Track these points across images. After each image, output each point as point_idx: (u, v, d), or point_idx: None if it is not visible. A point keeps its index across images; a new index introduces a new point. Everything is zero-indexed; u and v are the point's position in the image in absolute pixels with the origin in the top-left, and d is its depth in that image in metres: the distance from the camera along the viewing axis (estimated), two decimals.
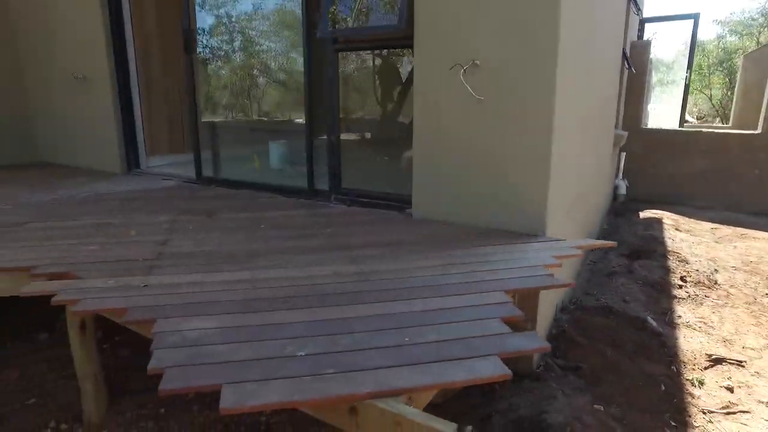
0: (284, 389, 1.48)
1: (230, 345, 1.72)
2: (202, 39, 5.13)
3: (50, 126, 5.71)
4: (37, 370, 3.24)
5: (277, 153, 5.02)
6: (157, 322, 1.88)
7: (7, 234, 3.05)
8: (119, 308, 2.02)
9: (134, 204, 3.81)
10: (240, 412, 1.43)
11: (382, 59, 5.06)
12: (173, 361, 1.63)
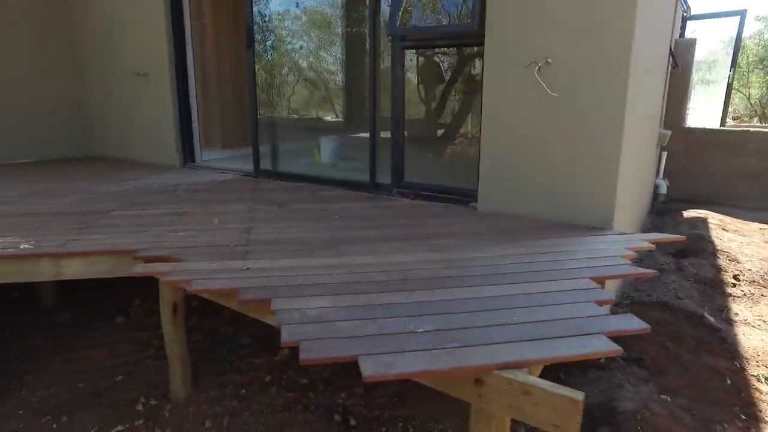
0: (417, 360, 1.59)
1: (352, 322, 1.83)
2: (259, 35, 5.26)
3: (107, 121, 5.91)
4: (120, 350, 3.40)
5: (329, 148, 5.14)
6: (272, 301, 2.00)
7: (100, 220, 3.21)
8: (231, 288, 2.14)
9: (203, 195, 3.96)
10: (382, 380, 1.54)
11: (425, 57, 5.16)
12: (303, 335, 1.74)
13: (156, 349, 3.40)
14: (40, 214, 3.40)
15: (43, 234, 2.91)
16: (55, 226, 3.09)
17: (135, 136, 5.61)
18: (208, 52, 5.38)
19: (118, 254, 2.64)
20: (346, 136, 5.23)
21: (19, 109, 5.55)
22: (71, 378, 3.14)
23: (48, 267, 2.64)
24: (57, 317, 3.82)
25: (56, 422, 2.79)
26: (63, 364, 3.28)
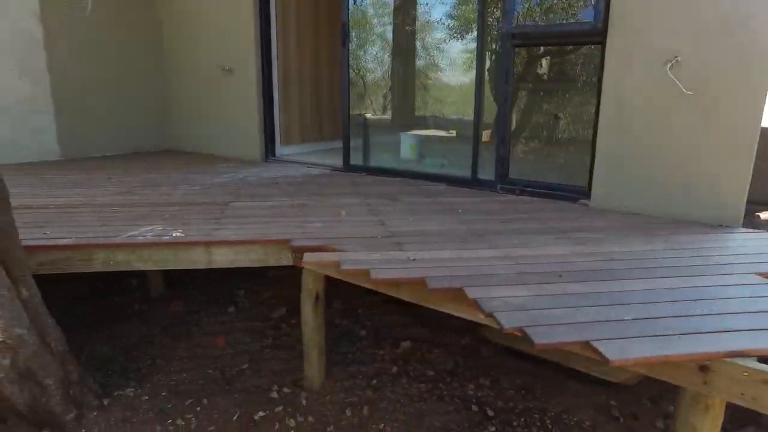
0: (646, 346, 1.63)
1: (561, 310, 1.87)
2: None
3: (185, 115, 6.01)
4: (238, 339, 3.47)
5: (408, 144, 5.19)
6: (466, 290, 2.04)
7: (226, 211, 3.28)
8: (415, 278, 2.19)
9: (308, 188, 4.03)
10: (626, 365, 1.59)
11: (529, 56, 5.16)
12: (521, 322, 1.78)
13: (272, 339, 3.47)
14: (167, 204, 3.48)
15: (184, 223, 2.99)
16: (189, 215, 3.16)
17: (216, 130, 5.69)
18: (289, 48, 5.45)
19: (268, 243, 2.70)
20: (424, 133, 5.27)
21: (108, 106, 5.71)
22: (199, 364, 3.21)
23: (201, 255, 2.71)
24: (169, 306, 3.90)
25: (199, 405, 2.86)
26: (187, 350, 3.36)
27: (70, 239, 2.69)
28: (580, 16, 3.35)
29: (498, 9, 3.80)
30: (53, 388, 2.51)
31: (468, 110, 5.20)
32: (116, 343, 3.44)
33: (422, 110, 5.48)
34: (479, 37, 3.89)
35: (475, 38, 3.96)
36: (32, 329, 2.44)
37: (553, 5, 3.48)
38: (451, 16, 5.26)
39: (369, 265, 2.29)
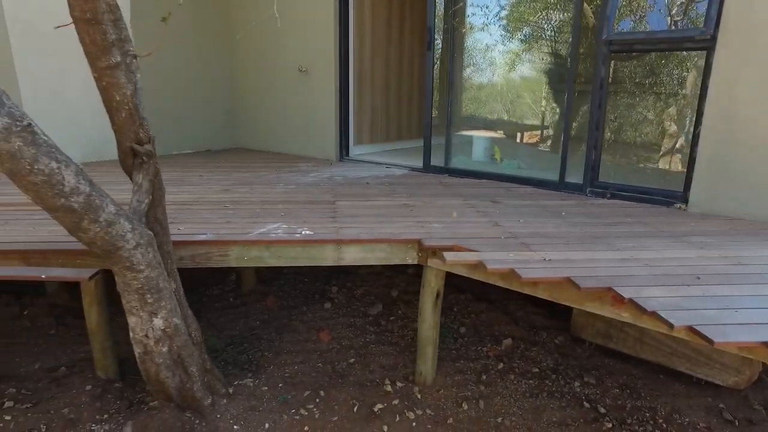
0: None
1: (718, 311, 1.95)
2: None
3: (257, 114, 6.17)
4: (341, 333, 3.58)
5: (482, 147, 5.26)
6: (617, 289, 2.12)
7: (337, 210, 3.40)
8: (561, 278, 2.27)
9: (401, 188, 4.13)
10: None
11: (623, 63, 5.18)
12: (689, 321, 1.86)
13: (374, 335, 3.58)
14: (275, 202, 3.61)
15: (305, 221, 3.11)
16: (304, 214, 3.29)
17: (291, 130, 5.84)
18: (365, 49, 5.56)
19: (396, 242, 2.81)
20: (500, 135, 5.33)
21: (184, 106, 5.89)
22: (308, 358, 3.33)
23: (331, 253, 2.83)
24: (264, 301, 4.04)
25: (317, 396, 2.99)
26: (293, 344, 3.48)
27: (207, 235, 2.82)
28: (687, 22, 3.39)
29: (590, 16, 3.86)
30: (196, 375, 2.65)
31: (519, 112, 5.27)
32: (221, 335, 3.58)
33: (474, 111, 5.52)
34: (573, 44, 3.95)
35: (548, 41, 4.01)
36: (182, 320, 2.58)
37: (658, 10, 3.52)
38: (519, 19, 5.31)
39: (512, 264, 2.38)
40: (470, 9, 5.33)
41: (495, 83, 5.06)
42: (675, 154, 3.92)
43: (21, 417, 2.73)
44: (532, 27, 4.93)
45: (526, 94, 5.17)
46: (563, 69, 4.53)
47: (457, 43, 4.78)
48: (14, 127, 1.61)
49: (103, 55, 1.94)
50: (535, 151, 5.15)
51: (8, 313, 3.93)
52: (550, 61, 4.71)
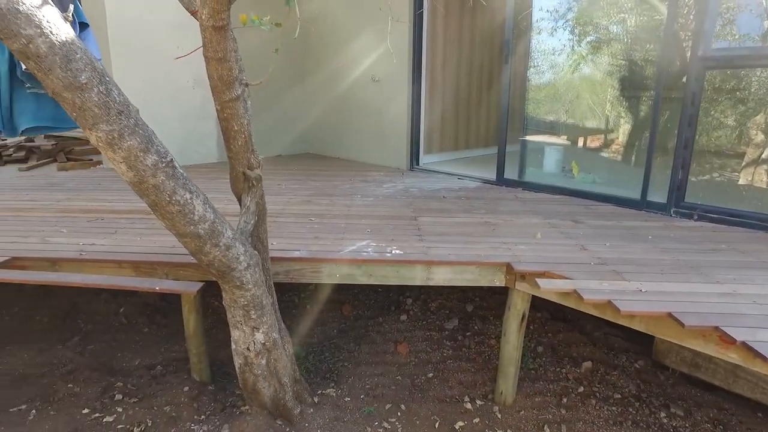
0: None
1: None
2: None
3: (329, 121, 6.33)
4: (418, 347, 3.64)
5: (557, 159, 5.18)
6: (726, 330, 2.07)
7: (421, 228, 3.46)
8: (661, 312, 2.24)
9: (478, 203, 4.15)
10: None
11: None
12: None
13: (452, 350, 3.62)
14: (357, 216, 3.72)
15: (392, 239, 3.18)
16: (389, 231, 3.37)
17: (362, 138, 5.96)
18: (437, 60, 5.60)
19: (485, 265, 2.84)
20: (574, 147, 5.22)
21: (256, 112, 6.10)
22: (387, 370, 3.41)
23: (420, 273, 2.89)
24: (340, 309, 4.17)
25: (398, 410, 3.06)
26: (371, 355, 3.58)
27: (301, 252, 2.95)
28: None
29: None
30: (288, 386, 2.78)
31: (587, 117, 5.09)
32: (301, 342, 3.71)
33: (548, 121, 5.36)
34: (664, 52, 3.82)
35: (626, 47, 3.89)
36: (279, 334, 2.72)
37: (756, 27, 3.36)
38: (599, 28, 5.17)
39: (609, 296, 2.36)
40: (538, 14, 5.24)
41: (568, 91, 4.94)
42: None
43: (130, 410, 2.96)
44: (609, 31, 4.79)
45: (602, 104, 5.02)
46: (646, 78, 4.37)
47: (528, 51, 4.71)
48: (160, 164, 1.76)
49: (227, 89, 2.07)
50: (613, 164, 5.00)
51: (107, 310, 4.24)
52: (628, 68, 4.55)
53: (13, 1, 1.33)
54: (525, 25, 4.85)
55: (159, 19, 5.32)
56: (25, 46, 1.41)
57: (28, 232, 3.38)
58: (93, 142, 1.68)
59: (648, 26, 4.36)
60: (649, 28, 4.36)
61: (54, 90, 1.53)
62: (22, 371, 3.40)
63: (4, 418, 2.91)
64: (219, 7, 1.81)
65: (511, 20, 4.57)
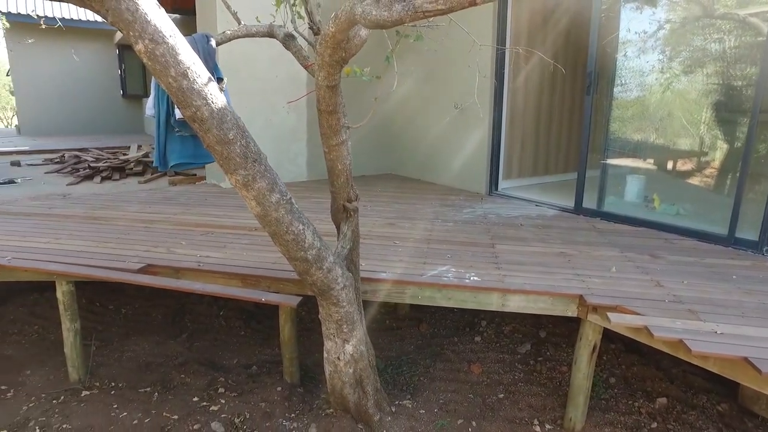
0: None
1: None
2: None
3: (411, 144, 6.67)
4: (491, 368, 3.81)
5: (637, 188, 5.15)
6: None
7: (499, 255, 3.66)
8: (737, 357, 2.29)
9: (554, 233, 4.27)
10: None
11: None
12: None
13: (523, 374, 3.76)
14: (438, 241, 3.98)
15: (471, 266, 3.41)
16: (468, 257, 3.60)
17: (442, 161, 6.25)
18: (518, 85, 5.76)
19: (558, 296, 2.99)
20: (659, 172, 5.14)
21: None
22: (460, 387, 3.62)
23: (496, 299, 3.10)
24: (418, 327, 4.44)
25: (469, 426, 3.25)
26: (446, 372, 3.80)
27: (386, 274, 3.26)
28: None
29: None
30: (370, 394, 3.08)
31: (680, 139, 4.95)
32: (380, 355, 4.01)
33: (629, 146, 5.29)
34: (760, 80, 3.74)
35: (718, 66, 3.82)
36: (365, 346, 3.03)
37: None
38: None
39: (680, 335, 2.44)
40: (625, 35, 5.24)
41: (658, 109, 4.87)
42: None
43: (231, 403, 3.39)
44: (700, 51, 4.70)
45: (689, 128, 4.92)
46: (742, 101, 4.24)
47: (612, 76, 4.74)
48: (282, 201, 2.14)
49: (334, 136, 2.43)
50: (700, 193, 4.89)
51: (210, 312, 4.79)
52: (724, 90, 4.43)
53: (191, 82, 1.74)
54: (611, 48, 4.90)
55: (261, 53, 5.93)
56: (194, 113, 1.82)
57: (156, 243, 3.96)
58: (232, 183, 2.08)
59: (747, 46, 4.26)
60: (748, 48, 4.25)
61: (209, 144, 1.94)
62: (145, 359, 3.97)
63: (135, 396, 3.45)
64: (333, 71, 2.16)
65: (594, 48, 4.65)
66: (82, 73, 13.59)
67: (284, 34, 2.71)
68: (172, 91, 1.74)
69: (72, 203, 5.39)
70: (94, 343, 4.08)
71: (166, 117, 3.18)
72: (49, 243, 3.89)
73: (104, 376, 3.70)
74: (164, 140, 3.21)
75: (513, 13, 5.48)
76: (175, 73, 1.69)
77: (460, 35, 4.99)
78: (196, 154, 3.34)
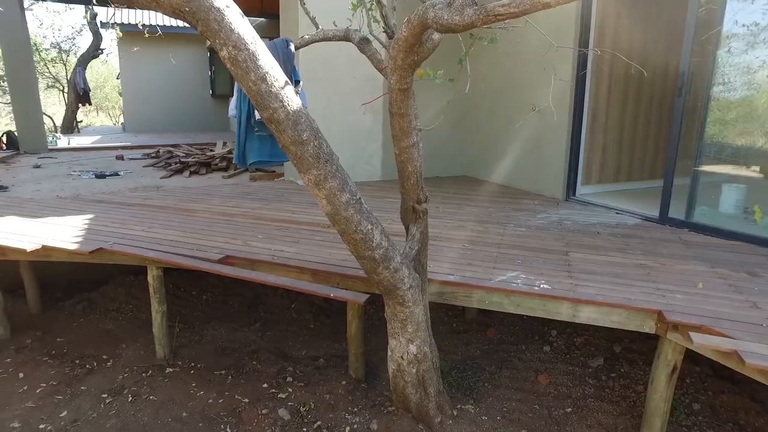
0: None
1: None
2: None
3: (487, 146, 6.58)
4: (559, 380, 3.67)
5: (734, 198, 4.73)
6: None
7: (571, 264, 3.52)
8: None
9: (635, 243, 4.04)
10: None
11: None
12: None
13: (593, 389, 3.59)
14: (509, 246, 3.90)
15: (542, 273, 3.31)
16: (539, 264, 3.50)
17: (518, 164, 6.11)
18: (601, 89, 5.50)
19: (633, 310, 2.83)
20: (761, 184, 4.69)
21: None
22: (525, 397, 3.51)
23: (566, 309, 2.99)
24: (485, 331, 4.37)
25: None
26: (511, 380, 3.71)
27: (454, 277, 3.24)
28: None
29: None
30: (432, 395, 3.08)
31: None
32: (445, 357, 3.98)
33: (727, 152, 4.81)
34: None
35: None
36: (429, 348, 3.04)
37: None
38: None
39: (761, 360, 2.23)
40: (730, 28, 4.81)
41: (761, 116, 4.40)
42: None
43: (297, 392, 3.53)
44: None
45: None
46: None
47: (710, 75, 4.35)
48: (352, 200, 2.20)
49: (405, 138, 2.45)
50: None
51: (282, 304, 5.01)
52: None
53: (269, 85, 1.83)
54: (711, 45, 4.54)
55: (339, 55, 6.08)
56: (271, 115, 1.92)
57: (235, 235, 4.20)
58: (304, 182, 2.16)
59: None
60: None
61: (284, 144, 2.04)
62: (221, 344, 4.23)
63: (211, 377, 3.69)
64: (405, 74, 2.18)
65: (689, 46, 4.33)
66: (177, 76, 14.66)
67: (359, 38, 2.78)
68: (252, 94, 1.84)
69: (164, 195, 5.84)
70: (178, 325, 4.40)
71: (247, 118, 3.38)
72: (144, 231, 4.25)
73: (185, 356, 3.99)
74: (244, 139, 3.41)
75: (597, 12, 5.23)
76: (254, 77, 1.80)
77: (538, 36, 4.84)
78: (273, 153, 3.51)
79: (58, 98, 23.03)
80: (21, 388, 3.60)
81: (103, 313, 4.82)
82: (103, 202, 5.38)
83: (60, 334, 4.42)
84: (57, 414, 3.31)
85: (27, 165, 8.03)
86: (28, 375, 3.77)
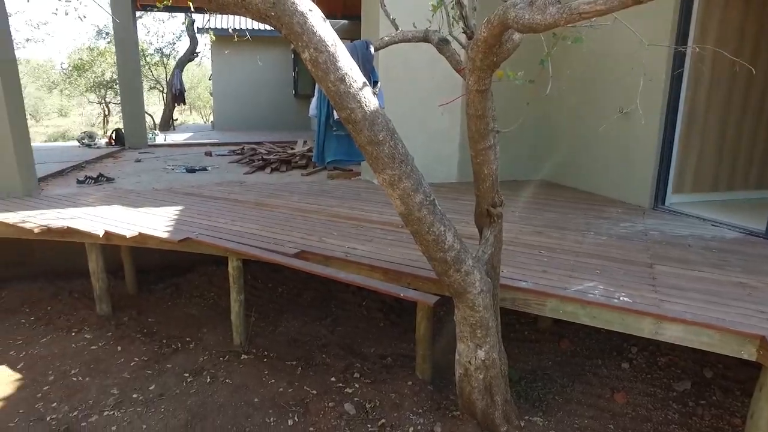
0: None
1: None
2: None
3: (568, 151, 6.32)
4: (638, 400, 3.44)
5: None
6: None
7: (656, 278, 3.29)
8: None
9: (732, 259, 3.70)
10: None
11: None
12: None
13: (678, 415, 3.32)
14: (587, 255, 3.71)
15: (621, 285, 3.13)
16: (620, 276, 3.30)
17: (601, 169, 5.80)
18: (699, 87, 5.07)
19: (728, 332, 2.59)
20: None
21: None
22: (599, 415, 3.32)
23: (648, 325, 2.80)
24: (558, 342, 4.20)
25: None
26: (585, 396, 3.53)
27: (527, 283, 3.14)
28: None
29: None
30: (499, 404, 3.00)
31: None
32: (514, 366, 3.85)
33: None
34: None
35: None
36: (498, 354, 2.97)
37: None
38: None
39: None
40: None
41: None
42: None
43: (364, 388, 3.58)
44: None
45: None
46: None
47: None
48: (425, 202, 2.19)
49: (482, 140, 2.41)
50: None
51: (353, 300, 5.10)
52: None
53: (347, 86, 1.88)
54: None
55: (419, 57, 6.08)
56: (348, 115, 1.96)
57: (310, 231, 4.34)
58: (379, 181, 2.19)
59: None
60: None
61: (360, 143, 2.07)
62: (293, 336, 4.39)
63: (282, 367, 3.85)
64: (483, 75, 2.15)
65: None
66: (263, 76, 15.36)
67: (438, 39, 2.77)
68: (331, 94, 1.89)
69: (246, 190, 6.15)
70: (253, 315, 4.62)
71: (326, 117, 3.48)
72: (226, 223, 4.50)
73: (260, 345, 4.18)
74: (323, 138, 3.53)
75: (700, 5, 4.83)
76: (333, 78, 1.85)
77: (627, 34, 4.57)
78: (350, 153, 3.59)
79: (158, 98, 25.02)
80: (119, 360, 3.96)
81: (187, 298, 5.17)
82: (191, 195, 5.76)
83: (151, 314, 4.80)
84: (147, 387, 3.60)
85: (130, 159, 8.78)
86: (125, 349, 4.13)
